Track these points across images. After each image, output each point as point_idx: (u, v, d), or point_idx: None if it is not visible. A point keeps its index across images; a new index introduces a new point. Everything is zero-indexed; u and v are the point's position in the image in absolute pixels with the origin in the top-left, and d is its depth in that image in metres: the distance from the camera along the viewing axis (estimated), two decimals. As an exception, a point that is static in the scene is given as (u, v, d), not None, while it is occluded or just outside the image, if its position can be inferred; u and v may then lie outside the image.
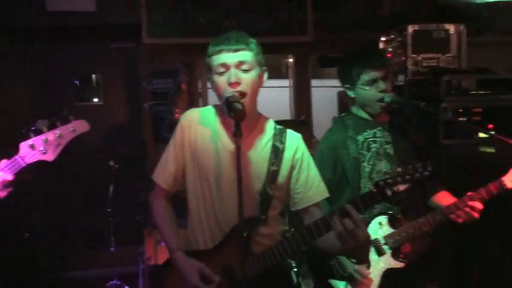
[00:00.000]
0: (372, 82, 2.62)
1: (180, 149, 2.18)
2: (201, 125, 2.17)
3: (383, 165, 2.64)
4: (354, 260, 2.35)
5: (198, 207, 2.17)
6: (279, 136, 2.14)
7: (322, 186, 2.20)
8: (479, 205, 2.48)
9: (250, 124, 2.08)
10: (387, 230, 2.60)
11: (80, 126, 2.28)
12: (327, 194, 2.21)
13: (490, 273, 3.13)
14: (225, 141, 2.12)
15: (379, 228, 2.61)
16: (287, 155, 2.12)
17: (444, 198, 2.69)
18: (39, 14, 5.02)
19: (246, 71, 2.01)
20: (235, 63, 2.00)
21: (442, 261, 3.31)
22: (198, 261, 2.07)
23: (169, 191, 2.25)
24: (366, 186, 2.61)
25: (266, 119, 2.22)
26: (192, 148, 2.15)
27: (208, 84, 2.17)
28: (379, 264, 2.58)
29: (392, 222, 2.61)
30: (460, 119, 3.27)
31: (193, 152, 2.15)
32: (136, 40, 5.34)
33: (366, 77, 2.62)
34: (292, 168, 2.14)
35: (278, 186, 2.12)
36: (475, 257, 3.24)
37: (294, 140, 2.17)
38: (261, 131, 2.15)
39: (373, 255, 2.59)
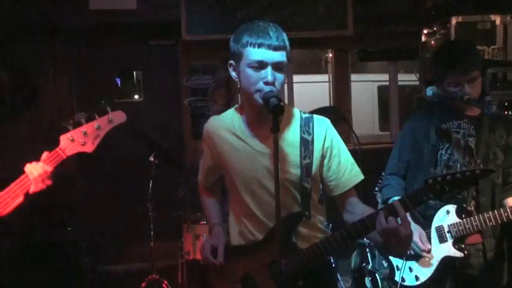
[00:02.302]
0: (456, 85, 2.56)
1: (207, 157, 2.31)
2: (223, 131, 2.16)
3: (460, 156, 2.63)
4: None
5: (238, 209, 2.19)
6: (306, 127, 2.11)
7: (355, 170, 2.16)
8: None
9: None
10: (453, 219, 2.62)
11: (117, 117, 2.27)
12: (361, 177, 2.18)
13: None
14: (252, 143, 2.10)
15: (446, 216, 2.64)
16: (317, 145, 2.09)
17: None
18: (82, 12, 5.13)
19: (280, 71, 1.99)
20: (274, 62, 1.96)
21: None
22: (221, 240, 2.20)
23: (206, 186, 2.45)
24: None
25: (291, 109, 2.18)
26: (220, 156, 2.18)
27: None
28: (439, 250, 2.63)
29: (459, 213, 2.61)
30: (505, 112, 3.18)
31: (222, 159, 2.18)
32: (175, 37, 5.39)
33: (451, 79, 2.57)
34: (323, 157, 2.11)
35: (313, 178, 2.10)
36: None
37: (321, 127, 2.12)
38: (288, 123, 2.12)
39: (435, 241, 2.64)
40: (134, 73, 5.70)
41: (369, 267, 3.82)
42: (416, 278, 2.69)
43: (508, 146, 2.63)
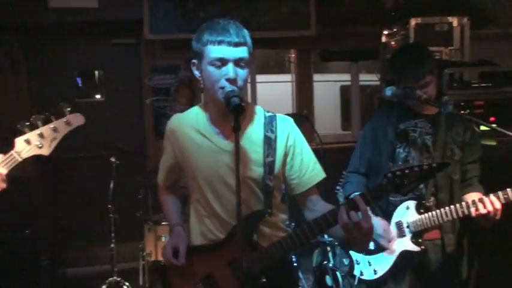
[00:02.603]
0: (410, 89, 2.64)
1: (169, 155, 2.27)
2: (187, 128, 2.15)
3: (417, 154, 2.71)
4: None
5: (200, 208, 2.18)
6: (270, 125, 2.11)
7: (318, 168, 2.18)
8: (498, 204, 2.44)
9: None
10: (412, 214, 2.68)
11: (75, 119, 2.26)
12: (323, 175, 2.19)
13: (491, 269, 3.10)
14: (216, 140, 2.10)
15: (405, 211, 2.70)
16: (280, 144, 2.10)
17: (472, 198, 2.65)
18: (42, 10, 5.01)
19: (242, 67, 1.99)
20: (235, 59, 1.96)
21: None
22: (183, 241, 2.19)
23: (167, 184, 2.43)
24: None
25: (254, 107, 2.19)
26: (183, 153, 2.16)
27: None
28: (398, 244, 2.69)
29: (419, 208, 2.67)
30: (462, 112, 3.25)
31: (185, 157, 2.16)
32: (138, 36, 5.33)
33: (404, 83, 2.67)
34: (286, 155, 2.12)
35: (276, 176, 2.10)
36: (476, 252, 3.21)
37: (285, 126, 2.13)
38: (252, 121, 2.12)
39: (394, 236, 2.70)
40: (96, 72, 5.61)
41: (330, 265, 3.86)
42: (375, 271, 2.75)
43: (465, 143, 2.71)
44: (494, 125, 2.81)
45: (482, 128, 3.12)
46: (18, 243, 4.27)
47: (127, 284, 4.32)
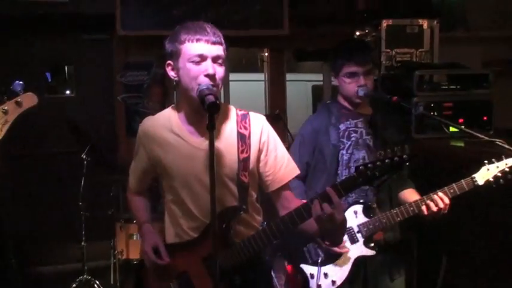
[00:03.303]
0: (352, 75, 2.69)
1: (142, 159, 2.24)
2: (160, 129, 2.14)
3: (361, 155, 2.72)
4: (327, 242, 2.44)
5: (174, 208, 2.17)
6: (243, 122, 2.13)
7: (292, 165, 2.21)
8: (447, 199, 2.52)
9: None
10: (361, 218, 2.67)
11: (26, 99, 2.10)
12: (297, 172, 2.22)
13: (459, 265, 3.17)
14: (190, 139, 2.10)
15: (354, 216, 2.68)
16: (253, 140, 2.11)
17: (411, 195, 2.74)
18: (11, 2, 4.91)
19: (220, 64, 2.01)
20: (213, 56, 1.99)
21: (410, 253, 3.37)
22: (158, 239, 2.18)
23: (138, 190, 2.41)
24: (343, 173, 2.70)
25: (227, 106, 2.21)
26: (156, 154, 2.15)
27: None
28: (351, 251, 2.66)
29: (366, 212, 2.68)
30: (431, 113, 3.32)
31: (159, 158, 2.14)
32: (110, 32, 5.27)
33: (346, 69, 2.70)
34: (259, 152, 2.13)
35: (251, 172, 2.11)
36: (444, 248, 3.29)
37: (258, 122, 2.15)
38: (225, 119, 2.14)
39: (346, 243, 2.67)
40: (66, 68, 5.52)
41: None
42: (333, 282, 2.69)
43: (400, 142, 2.75)
44: (462, 127, 2.89)
45: (452, 129, 3.21)
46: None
47: (98, 282, 4.27)
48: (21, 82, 2.08)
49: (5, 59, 5.18)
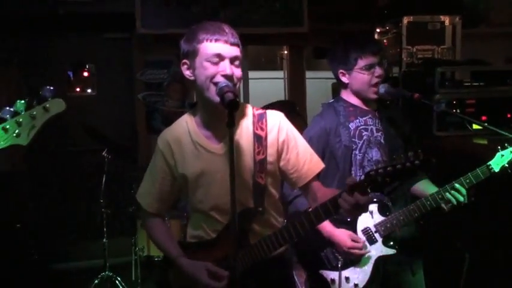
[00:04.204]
0: (370, 67, 2.63)
1: (165, 173, 2.17)
2: (178, 141, 2.13)
3: (374, 153, 2.66)
4: None
5: (198, 216, 2.18)
6: (259, 123, 2.11)
7: (316, 159, 2.18)
8: (464, 190, 2.50)
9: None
10: (378, 218, 2.61)
11: (54, 105, 2.05)
12: (321, 165, 2.19)
13: (481, 262, 3.14)
14: (208, 146, 2.09)
15: (369, 216, 2.61)
16: (270, 140, 2.09)
17: (425, 187, 2.69)
18: (33, 2, 4.97)
19: (237, 66, 2.00)
20: (231, 56, 1.98)
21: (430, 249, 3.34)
22: (203, 262, 2.06)
23: (158, 211, 2.28)
24: (357, 173, 2.63)
25: (244, 106, 2.18)
26: (179, 167, 2.13)
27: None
28: (371, 252, 2.60)
29: (382, 210, 2.62)
30: (454, 110, 3.29)
31: (180, 171, 2.12)
32: (130, 30, 5.31)
33: (363, 61, 2.63)
34: (279, 152, 2.11)
35: (269, 173, 2.10)
36: (466, 245, 3.25)
37: (274, 122, 2.12)
38: (242, 119, 2.12)
39: (365, 244, 2.60)
40: (87, 66, 5.58)
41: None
42: (356, 286, 2.60)
43: (405, 135, 2.73)
44: (485, 124, 2.86)
45: (474, 126, 3.17)
46: (8, 238, 4.26)
47: (119, 279, 4.31)
48: (51, 88, 2.07)
49: (28, 57, 5.24)
